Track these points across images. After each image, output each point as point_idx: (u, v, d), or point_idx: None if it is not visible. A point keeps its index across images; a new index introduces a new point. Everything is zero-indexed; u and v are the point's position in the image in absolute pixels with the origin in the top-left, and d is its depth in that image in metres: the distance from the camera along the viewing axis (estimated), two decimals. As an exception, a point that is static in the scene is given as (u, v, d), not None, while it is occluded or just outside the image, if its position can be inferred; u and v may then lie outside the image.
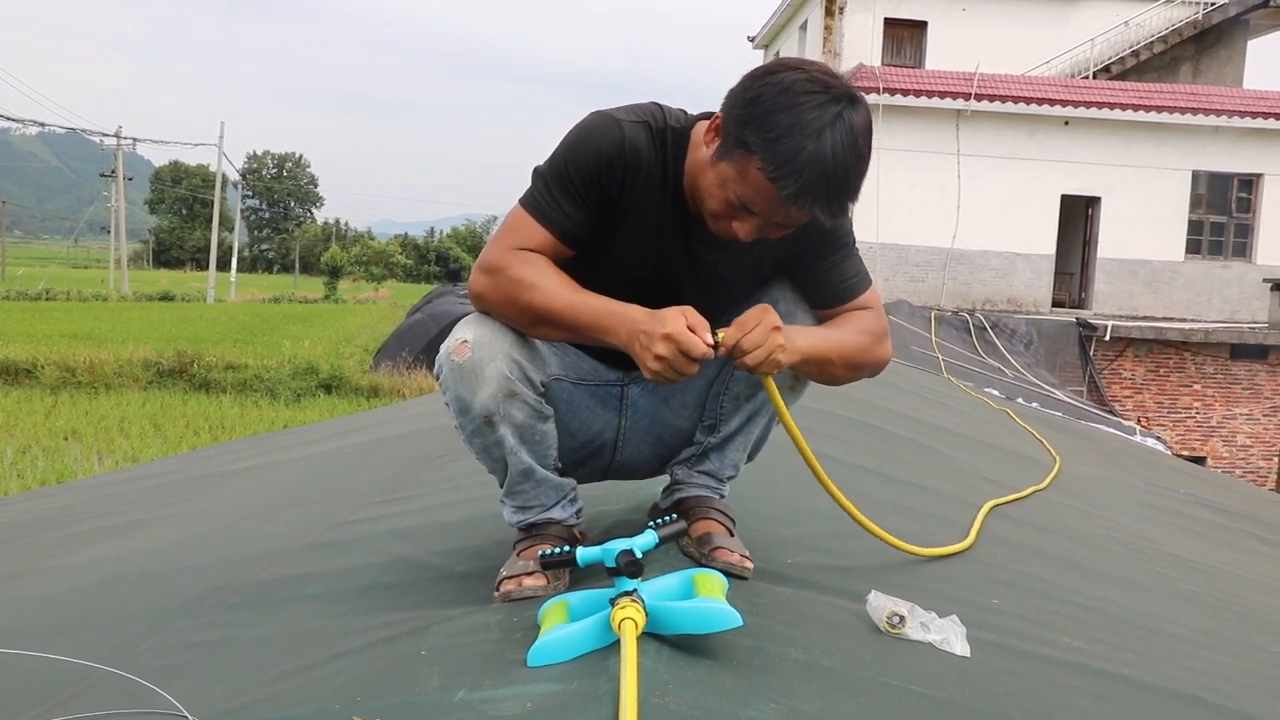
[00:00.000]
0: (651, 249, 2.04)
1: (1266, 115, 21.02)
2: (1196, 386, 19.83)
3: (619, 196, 1.98)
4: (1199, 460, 18.50)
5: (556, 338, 2.00)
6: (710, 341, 1.82)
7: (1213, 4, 24.29)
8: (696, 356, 1.80)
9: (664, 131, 1.99)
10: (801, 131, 1.74)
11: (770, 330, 1.86)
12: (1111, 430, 11.68)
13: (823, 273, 2.11)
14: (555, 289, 1.91)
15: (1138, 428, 14.19)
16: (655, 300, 1.92)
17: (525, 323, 1.94)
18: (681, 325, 1.80)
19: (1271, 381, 19.85)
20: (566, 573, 2.01)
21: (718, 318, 2.11)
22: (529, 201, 1.98)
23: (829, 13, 24.39)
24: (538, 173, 1.99)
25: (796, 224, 1.88)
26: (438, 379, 2.00)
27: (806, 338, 1.97)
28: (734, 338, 1.85)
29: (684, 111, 2.04)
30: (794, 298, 2.12)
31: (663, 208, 2.01)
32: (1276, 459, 19.61)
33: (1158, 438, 13.83)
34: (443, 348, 1.97)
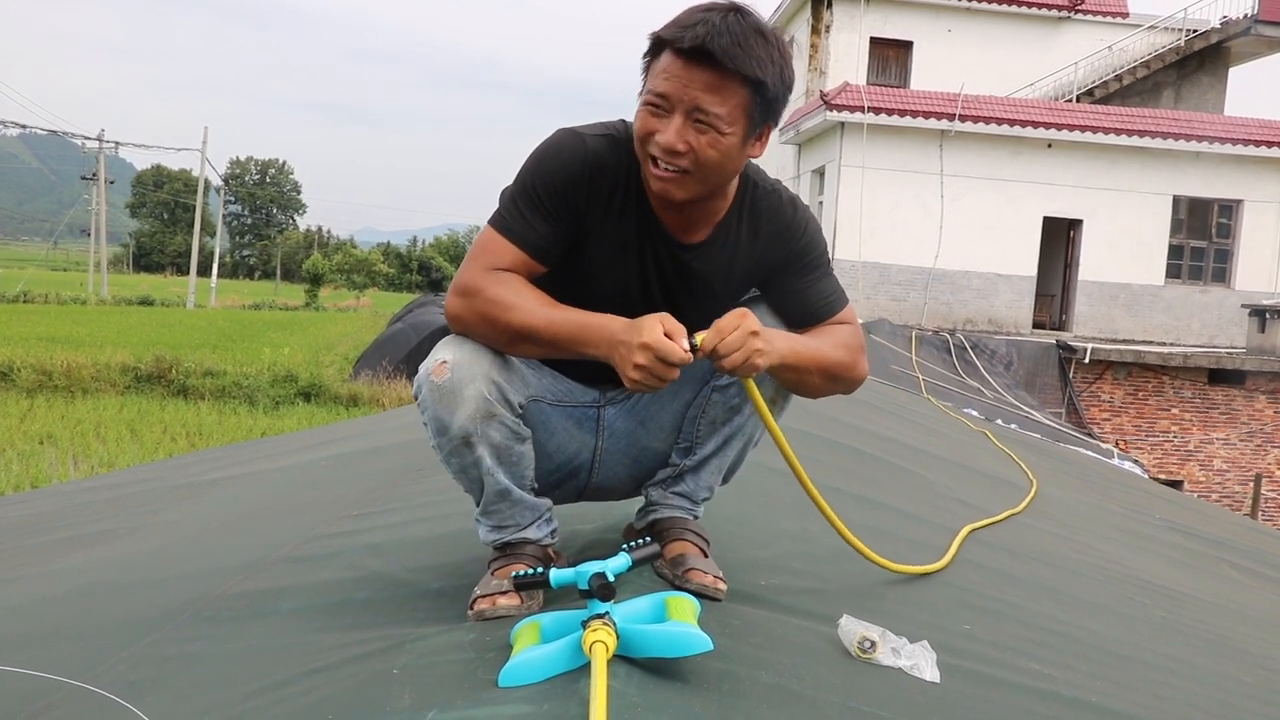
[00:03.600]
0: (622, 261, 2.06)
1: (1247, 142, 21.19)
2: (1175, 410, 19.93)
3: (587, 210, 2.00)
4: (1176, 484, 18.60)
5: (536, 354, 2.01)
6: (687, 346, 1.83)
7: (1195, 31, 24.53)
8: (674, 362, 1.81)
9: (628, 143, 2.01)
10: (694, 11, 1.88)
11: (748, 334, 1.87)
12: (1089, 453, 11.74)
13: (799, 292, 2.14)
14: (532, 307, 1.92)
15: (1116, 451, 14.26)
16: (631, 316, 1.94)
17: (504, 342, 1.95)
18: (659, 333, 1.82)
19: (1249, 407, 19.98)
20: (540, 593, 2.01)
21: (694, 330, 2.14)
22: (499, 221, 1.99)
23: (815, 31, 24.53)
24: (506, 193, 2.01)
25: (711, 106, 1.87)
26: (416, 398, 2.00)
27: (786, 342, 1.98)
28: (712, 341, 1.86)
29: None
30: (773, 321, 2.13)
31: (631, 218, 2.03)
32: (1252, 484, 19.72)
33: (1135, 461, 13.91)
34: (421, 368, 1.98)
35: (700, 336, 1.86)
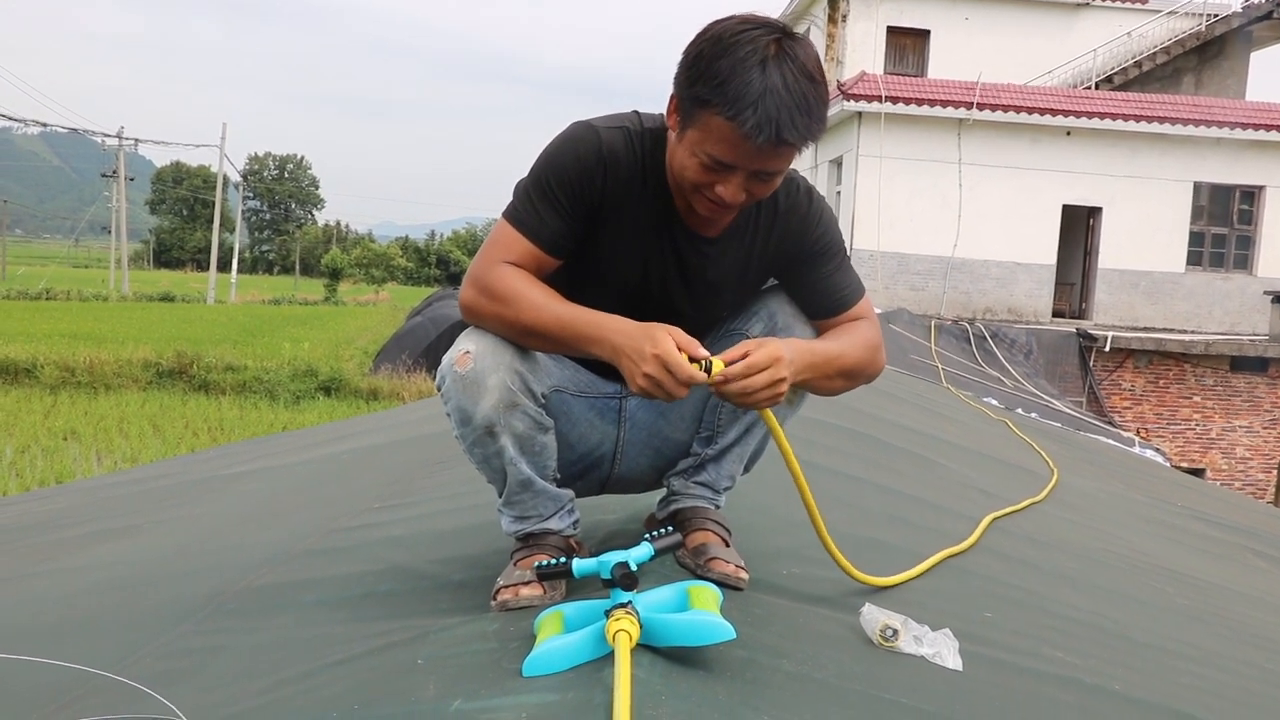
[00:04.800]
0: (639, 255, 2.06)
1: (1269, 127, 21.01)
2: (1196, 398, 19.82)
3: (601, 204, 2.00)
4: (1198, 472, 18.50)
5: (546, 350, 2.01)
6: (699, 356, 1.82)
7: (1215, 16, 24.36)
8: (682, 379, 1.81)
9: (641, 135, 2.01)
10: (745, 66, 1.77)
11: (776, 380, 1.86)
12: (1110, 441, 11.69)
13: (817, 283, 2.14)
14: (542, 302, 1.92)
15: (1137, 439, 14.20)
16: (647, 310, 1.94)
17: (514, 335, 1.96)
18: (670, 346, 1.81)
19: (1271, 394, 19.85)
20: (563, 583, 2.02)
21: (711, 327, 2.13)
22: (512, 214, 1.99)
23: (831, 20, 24.45)
24: (519, 186, 2.01)
25: (776, 168, 1.88)
26: (439, 389, 2.01)
27: (808, 355, 1.98)
28: (737, 374, 1.84)
29: (663, 115, 2.06)
30: (792, 310, 2.14)
31: (646, 211, 2.03)
32: (1275, 472, 19.60)
33: (1157, 449, 13.84)
34: (445, 358, 1.99)
35: (719, 363, 1.84)
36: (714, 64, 1.79)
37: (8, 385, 18.80)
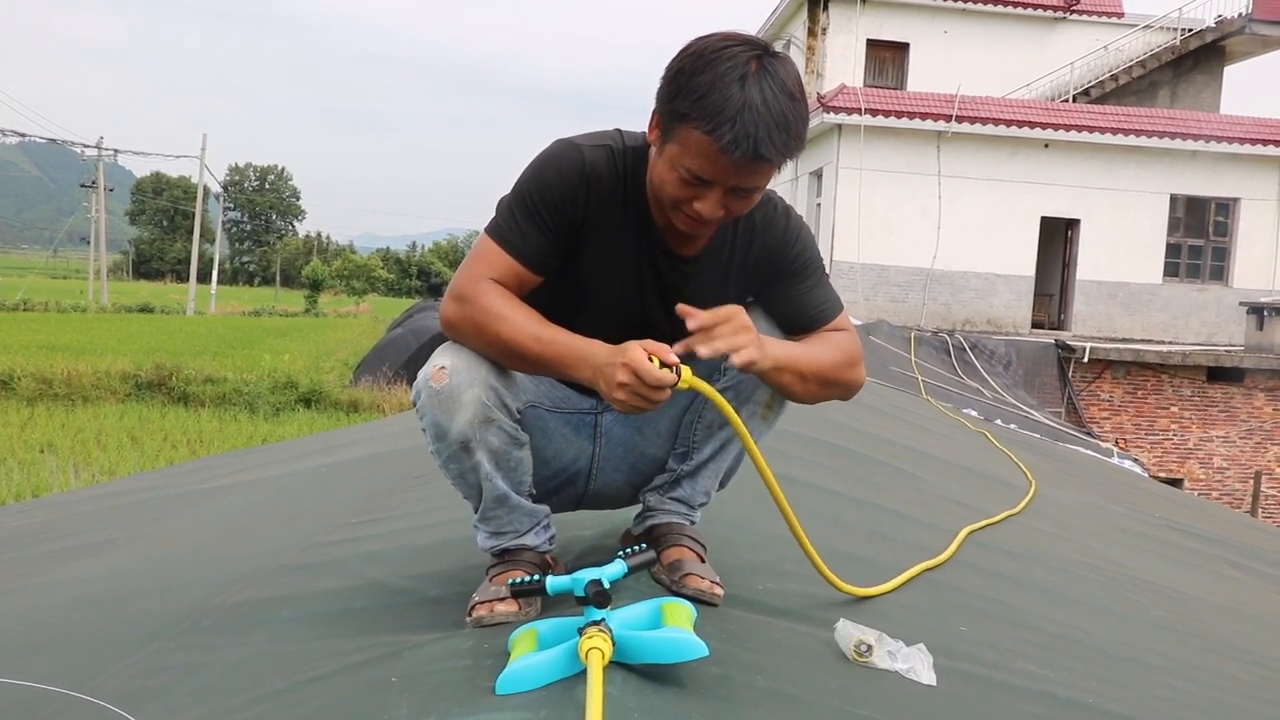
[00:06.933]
0: (619, 274, 2.07)
1: (1244, 140, 21.22)
2: (1174, 409, 19.94)
3: (583, 221, 2.00)
4: (1176, 482, 18.60)
5: (524, 370, 2.01)
6: (670, 362, 1.83)
7: (1190, 30, 24.57)
8: (652, 382, 1.81)
9: (625, 153, 2.02)
10: (724, 80, 1.78)
11: (740, 326, 1.87)
12: (1089, 452, 11.75)
13: (794, 300, 2.14)
14: (522, 322, 1.92)
15: (1115, 449, 14.27)
16: (626, 328, 1.94)
17: (493, 353, 1.96)
18: (638, 354, 1.81)
19: (1248, 404, 19.98)
20: (538, 599, 2.02)
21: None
22: (495, 230, 2.00)
23: (811, 33, 24.56)
24: (503, 202, 2.02)
25: (754, 184, 1.89)
26: (415, 404, 2.01)
27: (781, 347, 1.99)
28: (705, 324, 1.85)
29: (645, 134, 2.07)
30: (768, 326, 2.14)
31: (627, 230, 2.04)
32: (1252, 481, 19.73)
33: (1135, 460, 13.92)
34: (420, 374, 1.99)
35: (687, 371, 1.84)
36: (694, 79, 1.80)
37: (-16, 397, 18.66)
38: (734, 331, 1.86)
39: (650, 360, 1.81)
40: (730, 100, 1.77)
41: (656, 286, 2.09)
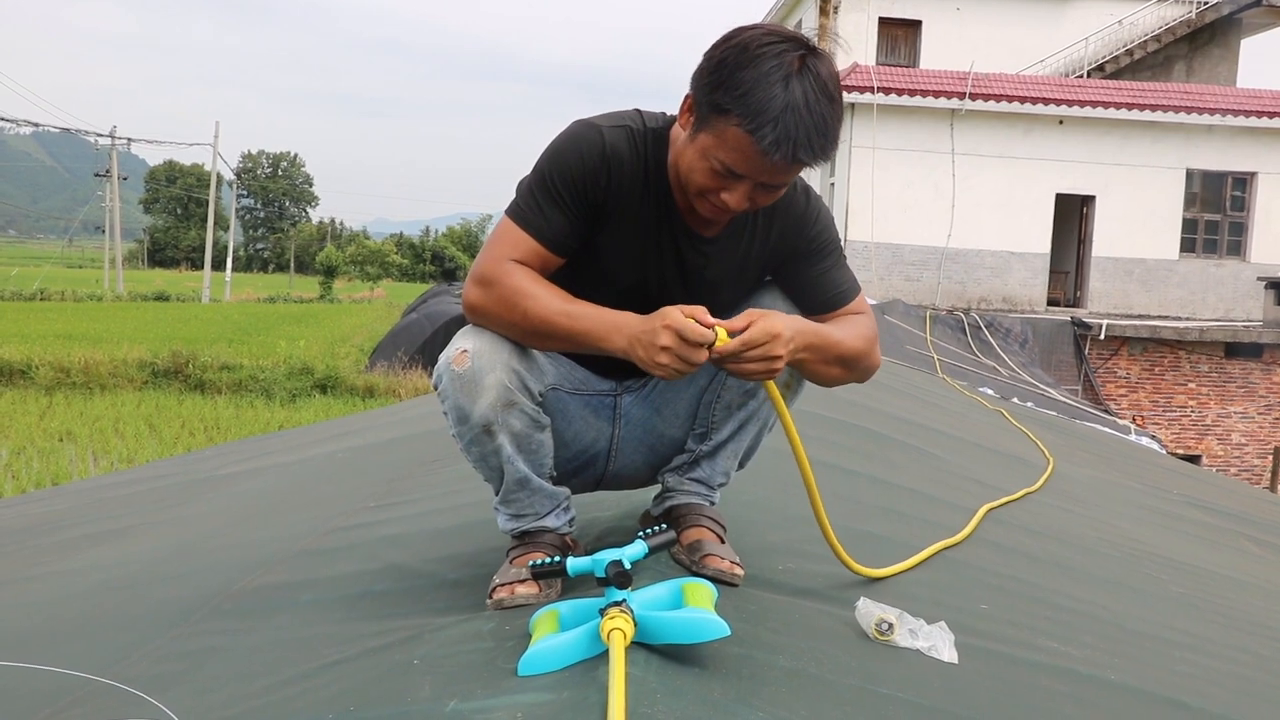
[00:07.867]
0: (639, 254, 2.07)
1: (1260, 114, 21.05)
2: (1191, 385, 19.85)
3: (604, 202, 2.00)
4: (1194, 459, 18.53)
5: (553, 348, 2.01)
6: (707, 323, 1.82)
7: (1206, 3, 24.36)
8: (695, 340, 1.80)
9: (644, 134, 2.01)
10: (768, 80, 1.77)
11: (772, 356, 1.86)
12: (1106, 430, 11.71)
13: (813, 280, 2.14)
14: (550, 299, 1.92)
15: (1132, 426, 14.21)
16: (646, 308, 1.94)
17: (521, 333, 1.95)
18: (678, 315, 1.82)
19: (1266, 380, 19.89)
20: (559, 581, 2.02)
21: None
22: (515, 212, 1.99)
23: (823, 12, 24.40)
24: (523, 184, 2.01)
25: (784, 181, 1.90)
26: (436, 388, 2.01)
27: (805, 331, 1.97)
28: (733, 349, 1.84)
29: (664, 114, 2.06)
30: (787, 307, 2.13)
31: (648, 210, 2.03)
32: (1271, 457, 19.63)
33: (1152, 436, 13.85)
34: (442, 357, 1.99)
35: (723, 332, 1.84)
36: (737, 73, 1.79)
37: (2, 387, 18.73)
38: (765, 354, 1.86)
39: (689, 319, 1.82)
40: (774, 100, 1.76)
41: (677, 267, 2.09)
